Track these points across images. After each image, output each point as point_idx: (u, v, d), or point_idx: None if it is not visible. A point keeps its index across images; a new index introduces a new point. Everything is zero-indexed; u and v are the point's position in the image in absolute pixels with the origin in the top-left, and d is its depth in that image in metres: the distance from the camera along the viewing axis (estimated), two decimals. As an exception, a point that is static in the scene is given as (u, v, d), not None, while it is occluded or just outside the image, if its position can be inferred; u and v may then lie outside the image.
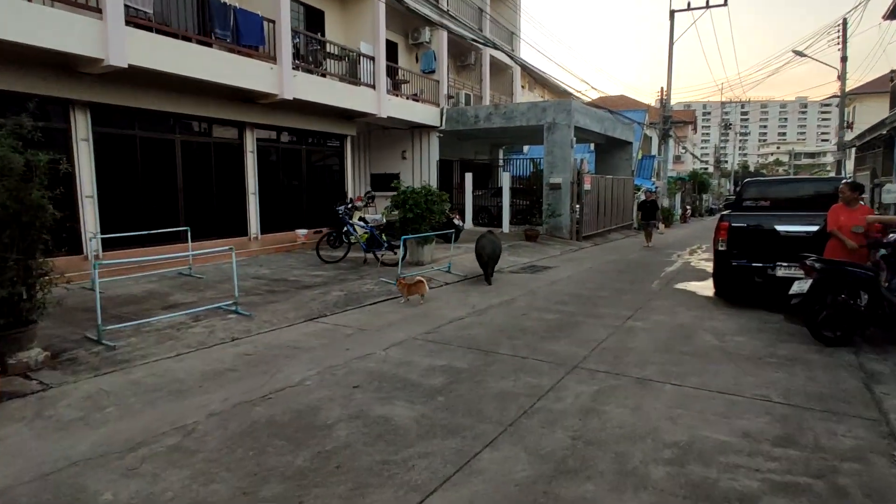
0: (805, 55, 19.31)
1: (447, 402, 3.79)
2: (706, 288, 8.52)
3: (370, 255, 10.33)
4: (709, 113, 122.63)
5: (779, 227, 6.67)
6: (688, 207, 32.95)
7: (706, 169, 55.71)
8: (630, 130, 22.09)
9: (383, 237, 10.11)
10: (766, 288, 6.90)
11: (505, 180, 17.06)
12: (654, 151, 36.12)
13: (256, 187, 12.77)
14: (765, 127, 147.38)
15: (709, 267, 11.01)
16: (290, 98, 11.78)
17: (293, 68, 11.98)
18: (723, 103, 54.98)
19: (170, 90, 10.40)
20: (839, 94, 19.54)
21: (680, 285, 8.79)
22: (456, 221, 13.84)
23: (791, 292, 5.33)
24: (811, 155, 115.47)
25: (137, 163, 10.37)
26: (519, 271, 10.24)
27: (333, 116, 14.51)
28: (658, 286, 8.67)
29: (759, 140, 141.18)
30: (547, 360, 4.73)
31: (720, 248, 7.07)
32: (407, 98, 16.89)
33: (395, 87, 16.44)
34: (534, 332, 5.65)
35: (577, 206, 16.38)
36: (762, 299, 7.30)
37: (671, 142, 30.13)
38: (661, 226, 17.46)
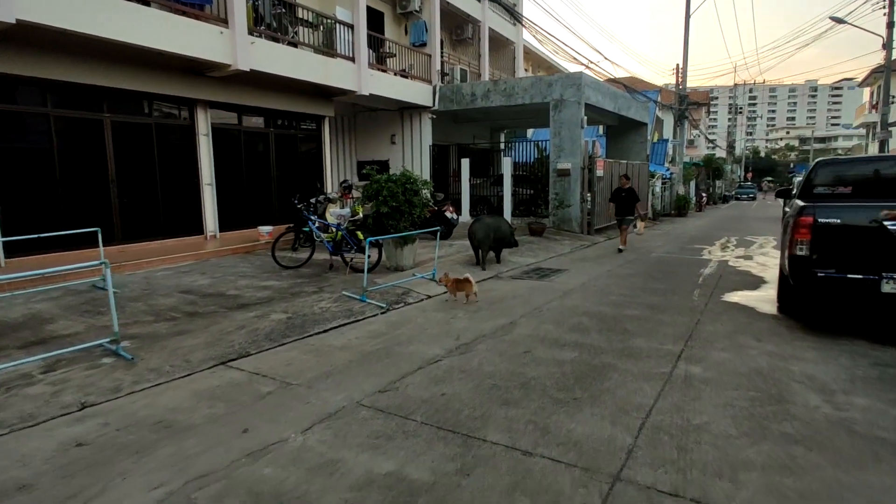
0: (844, 21, 17.14)
1: None
2: (764, 300, 6.59)
3: (338, 259, 8.44)
4: (716, 98, 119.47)
5: (891, 225, 4.72)
6: (703, 195, 30.83)
7: (713, 154, 53.38)
8: (645, 110, 20.02)
9: (359, 235, 8.22)
10: (864, 307, 5.00)
11: (506, 166, 15.08)
12: (667, 135, 34.02)
13: (213, 177, 10.87)
14: (773, 111, 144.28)
15: (754, 268, 9.08)
16: (247, 69, 9.82)
17: (251, 34, 10.02)
18: (736, 85, 52.54)
19: (94, 58, 8.46)
20: (883, 63, 17.34)
21: (728, 297, 6.86)
22: (449, 215, 11.92)
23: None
24: (821, 139, 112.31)
25: (53, 147, 8.45)
26: (521, 276, 8.32)
27: (307, 94, 12.55)
28: (700, 298, 6.74)
29: (768, 125, 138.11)
30: (565, 457, 2.82)
31: (798, 253, 5.12)
32: (395, 74, 14.90)
33: (380, 61, 14.43)
34: (542, 390, 3.74)
35: (588, 195, 14.41)
36: (852, 320, 5.38)
37: (686, 124, 28.00)
38: (640, 224, 12.28)
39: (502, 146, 19.41)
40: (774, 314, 5.93)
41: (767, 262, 9.83)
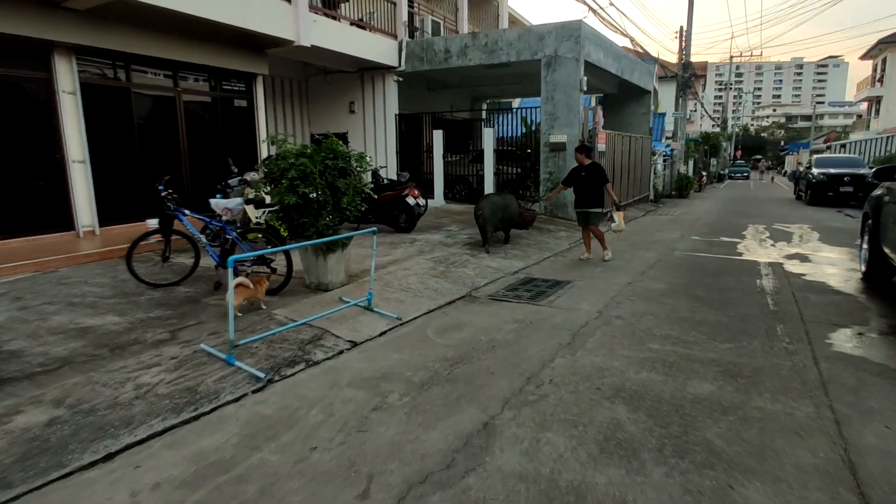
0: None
1: None
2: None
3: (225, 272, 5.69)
4: (703, 75, 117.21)
5: None
6: (703, 174, 28.39)
7: (706, 131, 51.08)
8: (649, 76, 17.31)
9: (283, 232, 5.48)
10: None
11: (487, 138, 12.34)
12: (663, 108, 31.36)
13: (86, 152, 7.95)
14: (759, 89, 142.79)
15: (823, 276, 6.55)
16: (119, -3, 6.90)
17: (125, -52, 7.06)
18: (732, 58, 49.95)
19: None
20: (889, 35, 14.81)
21: (837, 341, 4.26)
22: (412, 201, 9.18)
23: None
24: (807, 118, 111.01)
25: None
26: (506, 295, 5.67)
27: (230, 43, 9.59)
28: (796, 345, 4.15)
29: (755, 102, 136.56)
30: None
31: None
32: (351, 24, 11.97)
33: (329, 6, 11.46)
34: None
35: (589, 174, 11.72)
36: None
37: (687, 95, 25.33)
38: (620, 217, 7.95)
39: (484, 115, 16.60)
40: (947, 387, 3.36)
41: (836, 266, 7.30)
